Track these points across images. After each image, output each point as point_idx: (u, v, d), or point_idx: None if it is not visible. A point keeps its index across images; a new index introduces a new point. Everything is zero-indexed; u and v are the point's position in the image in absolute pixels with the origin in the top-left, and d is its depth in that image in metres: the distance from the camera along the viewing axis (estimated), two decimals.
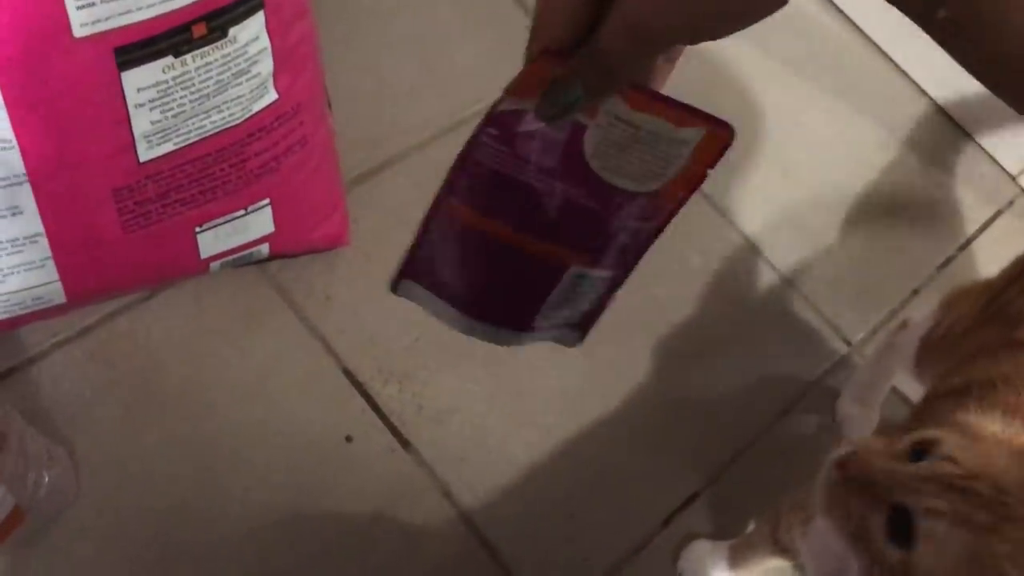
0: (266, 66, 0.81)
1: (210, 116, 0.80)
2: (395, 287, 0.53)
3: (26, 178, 0.74)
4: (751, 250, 1.17)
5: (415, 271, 0.51)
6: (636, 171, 0.43)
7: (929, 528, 0.56)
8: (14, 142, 0.72)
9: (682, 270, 1.12)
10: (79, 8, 0.68)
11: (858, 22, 1.40)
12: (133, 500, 0.84)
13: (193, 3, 0.73)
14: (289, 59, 0.83)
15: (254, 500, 0.86)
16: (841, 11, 1.40)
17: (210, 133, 0.81)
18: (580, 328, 0.51)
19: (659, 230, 0.47)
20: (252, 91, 0.82)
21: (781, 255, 1.18)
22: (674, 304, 1.10)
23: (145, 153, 0.78)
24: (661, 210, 0.46)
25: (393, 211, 1.03)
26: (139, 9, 0.70)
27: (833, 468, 0.60)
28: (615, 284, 0.51)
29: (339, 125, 0.99)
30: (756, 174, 1.22)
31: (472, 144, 0.42)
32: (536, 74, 0.39)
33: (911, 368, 0.91)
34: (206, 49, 0.76)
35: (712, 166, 0.43)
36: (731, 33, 0.34)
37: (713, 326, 1.10)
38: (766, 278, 1.16)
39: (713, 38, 0.34)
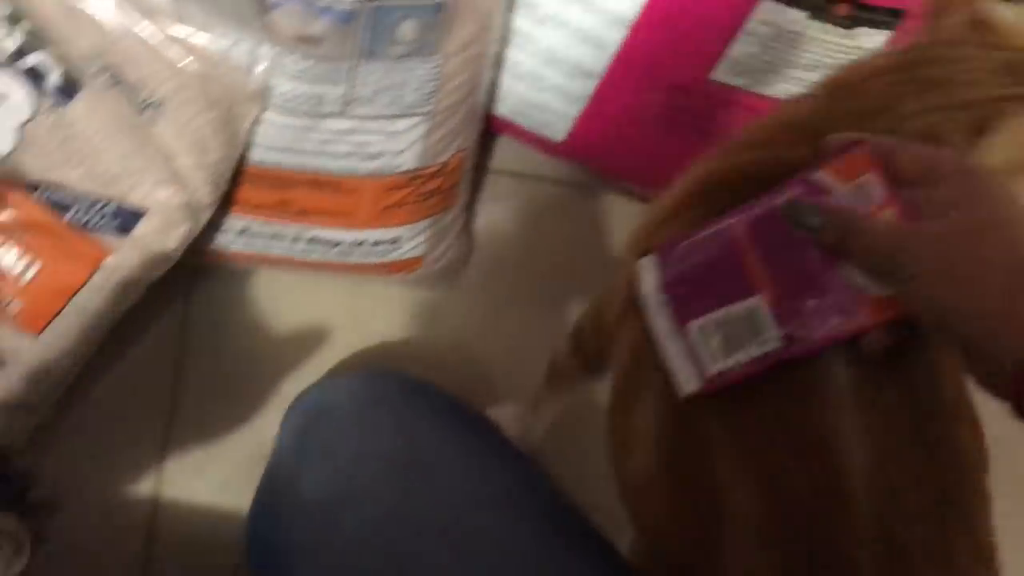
0: None
1: (779, 82, 0.85)
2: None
3: (618, 51, 0.82)
4: None
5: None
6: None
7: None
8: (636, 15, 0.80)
9: None
10: None
11: None
12: (513, 288, 0.97)
13: None
14: None
15: None
16: None
17: (768, 95, 0.86)
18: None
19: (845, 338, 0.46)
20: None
21: None
22: None
23: (719, 74, 0.84)
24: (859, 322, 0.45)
25: None
26: None
27: None
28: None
29: None
30: None
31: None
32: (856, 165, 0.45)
33: None
34: (830, 27, 0.80)
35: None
36: None
37: None
38: None
39: None
